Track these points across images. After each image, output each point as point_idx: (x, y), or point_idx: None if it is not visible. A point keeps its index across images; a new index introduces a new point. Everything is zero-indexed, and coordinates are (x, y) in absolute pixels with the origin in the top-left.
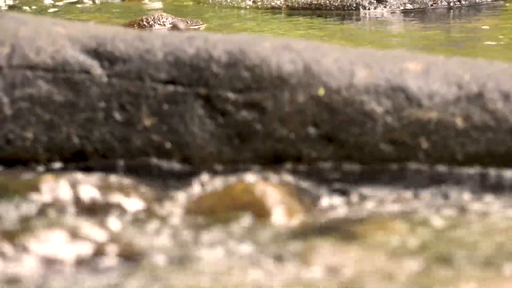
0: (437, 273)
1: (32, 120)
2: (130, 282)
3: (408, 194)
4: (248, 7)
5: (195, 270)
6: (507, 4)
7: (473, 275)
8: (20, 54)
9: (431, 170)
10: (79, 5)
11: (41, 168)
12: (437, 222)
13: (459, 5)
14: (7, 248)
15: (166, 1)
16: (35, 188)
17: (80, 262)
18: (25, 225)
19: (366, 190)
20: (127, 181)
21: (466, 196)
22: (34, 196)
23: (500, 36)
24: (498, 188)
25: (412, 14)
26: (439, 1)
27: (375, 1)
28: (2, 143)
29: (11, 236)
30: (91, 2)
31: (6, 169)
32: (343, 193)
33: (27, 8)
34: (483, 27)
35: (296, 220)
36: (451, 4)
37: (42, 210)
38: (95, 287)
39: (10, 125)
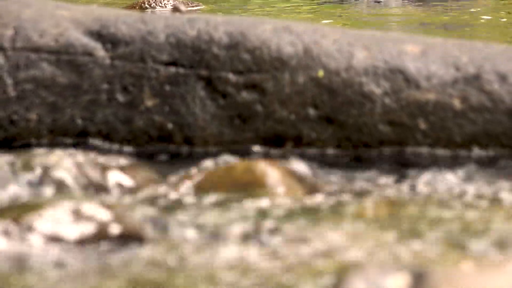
0: (405, 242)
1: (36, 102)
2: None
3: (406, 173)
4: None
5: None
6: None
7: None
8: (23, 37)
9: (429, 151)
10: None
11: (44, 149)
12: (419, 202)
13: None
14: (12, 226)
15: None
16: (37, 166)
17: (85, 239)
18: (29, 203)
19: (364, 170)
20: (129, 161)
21: (460, 176)
22: (38, 175)
23: (492, 18)
24: (490, 167)
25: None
26: None
27: None
28: (6, 124)
29: (14, 213)
30: None
31: (10, 149)
32: (342, 173)
33: None
34: (477, 9)
35: (294, 199)
36: None
37: (47, 188)
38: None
39: (14, 106)
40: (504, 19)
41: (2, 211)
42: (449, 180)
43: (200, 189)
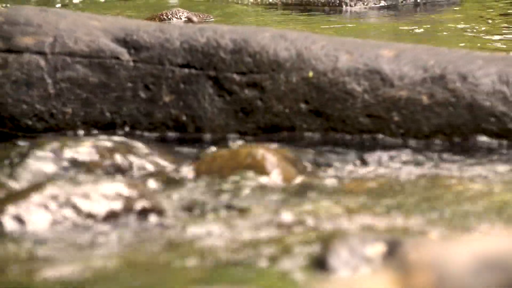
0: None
1: (71, 98)
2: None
3: (382, 158)
4: (250, 4)
5: (204, 219)
6: (464, 2)
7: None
8: (61, 43)
9: (401, 140)
10: (109, 5)
11: (77, 137)
12: (396, 180)
13: (424, 2)
14: (46, 200)
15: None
16: (73, 153)
17: (113, 213)
18: (63, 183)
19: (345, 154)
20: (150, 147)
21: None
22: (71, 160)
23: (455, 27)
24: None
25: (386, 9)
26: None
27: (371, 3)
28: (47, 117)
29: (53, 190)
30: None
31: (50, 137)
32: (327, 157)
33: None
34: (442, 19)
35: (288, 180)
36: (418, 1)
37: (80, 171)
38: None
39: (53, 101)
40: (461, 28)
41: (38, 190)
42: (407, 163)
43: (209, 170)
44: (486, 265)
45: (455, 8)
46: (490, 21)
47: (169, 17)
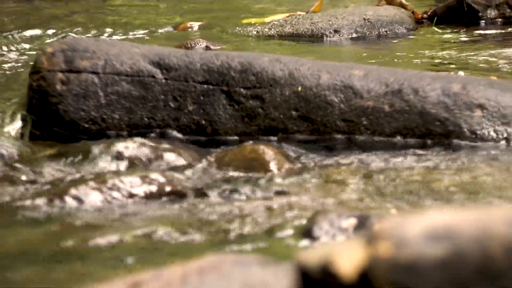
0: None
1: (118, 107)
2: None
3: (354, 153)
4: (253, 35)
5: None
6: (417, 34)
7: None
8: (110, 65)
9: (369, 138)
10: (147, 37)
11: (122, 138)
12: (368, 170)
13: (385, 34)
14: (101, 186)
15: (201, 31)
16: (119, 149)
17: (149, 195)
18: (84, 175)
19: (326, 150)
20: (177, 145)
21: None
22: (118, 155)
23: (410, 52)
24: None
25: (356, 39)
26: (372, 31)
27: (333, 31)
28: (99, 121)
29: (106, 178)
30: (157, 32)
31: (100, 138)
32: (312, 151)
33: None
34: (399, 46)
35: (283, 170)
36: (380, 33)
37: (124, 163)
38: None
39: (104, 109)
40: (414, 54)
41: (93, 178)
42: (374, 156)
43: (222, 163)
44: (434, 235)
45: (410, 37)
46: (439, 47)
47: (192, 45)
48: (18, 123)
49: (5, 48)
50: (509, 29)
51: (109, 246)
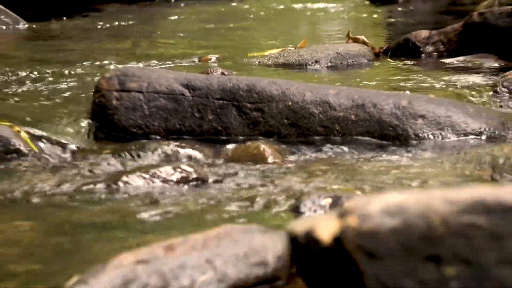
0: (330, 182)
1: (157, 117)
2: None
3: (330, 150)
4: (255, 64)
5: (226, 185)
6: (375, 64)
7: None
8: (152, 86)
9: (340, 139)
10: (179, 65)
11: (159, 140)
12: (341, 163)
13: (352, 64)
14: (144, 174)
15: (218, 61)
16: (158, 147)
17: (180, 181)
18: (132, 167)
19: (310, 148)
20: (199, 144)
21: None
22: (157, 151)
23: (372, 77)
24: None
25: (331, 68)
26: (343, 62)
27: (314, 62)
28: (143, 127)
29: (148, 168)
30: (185, 62)
31: (145, 139)
32: (299, 149)
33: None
34: (363, 73)
35: (277, 162)
36: (349, 63)
37: (162, 158)
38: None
39: (147, 118)
40: (380, 79)
41: (139, 168)
42: (344, 152)
43: (233, 156)
44: (389, 210)
45: (370, 66)
46: (391, 73)
47: (211, 72)
48: (85, 128)
49: (76, 74)
50: (442, 60)
51: (150, 218)
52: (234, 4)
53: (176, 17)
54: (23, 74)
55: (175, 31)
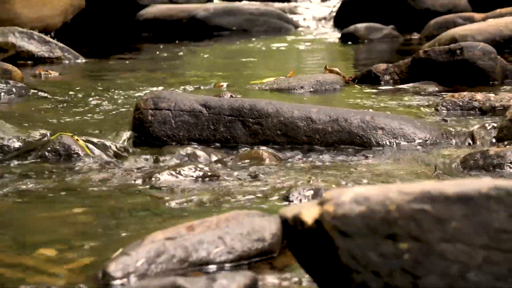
0: (312, 178)
1: (182, 128)
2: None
3: (314, 155)
4: (256, 89)
5: (232, 180)
6: (346, 89)
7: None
8: (178, 105)
9: (320, 146)
10: (198, 89)
11: (183, 146)
12: (319, 164)
13: (328, 89)
14: (172, 171)
15: (227, 87)
16: (182, 152)
17: (199, 176)
18: (163, 166)
19: (298, 153)
20: (214, 150)
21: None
22: (181, 155)
23: (342, 98)
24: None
25: (313, 92)
26: (321, 87)
27: (300, 87)
28: (171, 136)
29: (175, 167)
30: (203, 87)
31: (169, 145)
32: (289, 154)
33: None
34: (336, 95)
35: (272, 163)
36: (326, 88)
37: (185, 159)
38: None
39: (175, 130)
40: (348, 98)
41: (168, 167)
42: (323, 156)
43: (239, 159)
44: (357, 199)
45: (342, 91)
46: (358, 96)
47: (223, 95)
48: (127, 137)
49: (121, 97)
50: (396, 86)
51: (175, 205)
52: (244, 43)
53: (198, 53)
54: (81, 96)
55: (196, 64)
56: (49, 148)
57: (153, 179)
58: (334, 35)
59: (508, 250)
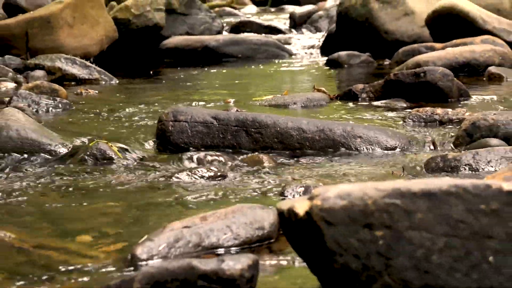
0: (304, 177)
1: (197, 136)
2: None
3: (305, 159)
4: (257, 105)
5: (235, 178)
6: (330, 105)
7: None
8: (193, 118)
9: (310, 151)
10: (209, 105)
11: (197, 151)
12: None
13: (316, 104)
14: (189, 172)
15: (234, 103)
16: (197, 156)
17: (210, 176)
18: (181, 167)
19: (292, 156)
20: (224, 154)
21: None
22: (196, 158)
23: (325, 114)
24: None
25: (304, 107)
26: (311, 103)
27: (293, 103)
28: (188, 143)
29: (191, 168)
30: (214, 103)
31: (189, 151)
32: (284, 157)
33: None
34: (322, 110)
35: (270, 165)
36: (314, 104)
37: (199, 162)
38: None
39: (191, 138)
40: (332, 112)
41: (185, 168)
42: (312, 159)
43: (243, 162)
44: (341, 195)
45: (327, 106)
46: (341, 110)
47: (230, 109)
48: (152, 144)
49: (147, 111)
50: (371, 102)
51: (191, 199)
52: (248, 67)
53: (210, 76)
54: (115, 110)
55: (208, 85)
56: (88, 153)
57: (173, 178)
58: (320, 61)
59: (465, 237)
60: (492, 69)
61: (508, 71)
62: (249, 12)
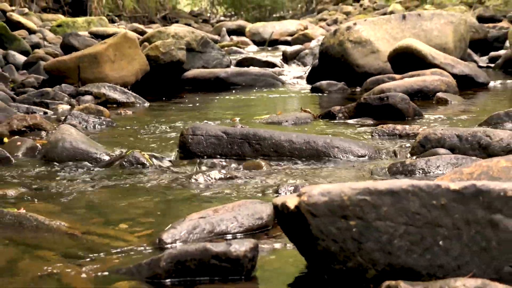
0: (293, 178)
1: (210, 147)
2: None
3: (296, 164)
4: (257, 122)
5: (239, 179)
6: (314, 123)
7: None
8: (206, 133)
9: (298, 159)
10: (220, 122)
11: (215, 158)
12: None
13: (303, 122)
14: (204, 175)
15: (239, 121)
16: (210, 162)
17: (221, 178)
18: (198, 171)
19: (283, 163)
20: (231, 160)
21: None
22: (209, 164)
23: (310, 128)
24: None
25: (294, 124)
26: (299, 121)
27: (285, 121)
28: (204, 152)
29: (206, 171)
30: (223, 121)
31: (204, 158)
32: (279, 162)
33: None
34: (308, 127)
35: (267, 169)
36: (302, 122)
37: (212, 166)
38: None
39: (206, 148)
40: (316, 129)
41: (200, 171)
42: (300, 165)
43: (246, 166)
44: (323, 192)
45: (312, 124)
46: (322, 126)
47: (236, 126)
48: (175, 152)
49: (172, 126)
50: (346, 121)
51: (205, 196)
52: (250, 93)
53: (220, 100)
54: (146, 126)
55: (219, 107)
56: (125, 160)
57: (192, 179)
58: (306, 88)
59: (419, 226)
60: (440, 94)
61: (452, 96)
62: (251, 50)
